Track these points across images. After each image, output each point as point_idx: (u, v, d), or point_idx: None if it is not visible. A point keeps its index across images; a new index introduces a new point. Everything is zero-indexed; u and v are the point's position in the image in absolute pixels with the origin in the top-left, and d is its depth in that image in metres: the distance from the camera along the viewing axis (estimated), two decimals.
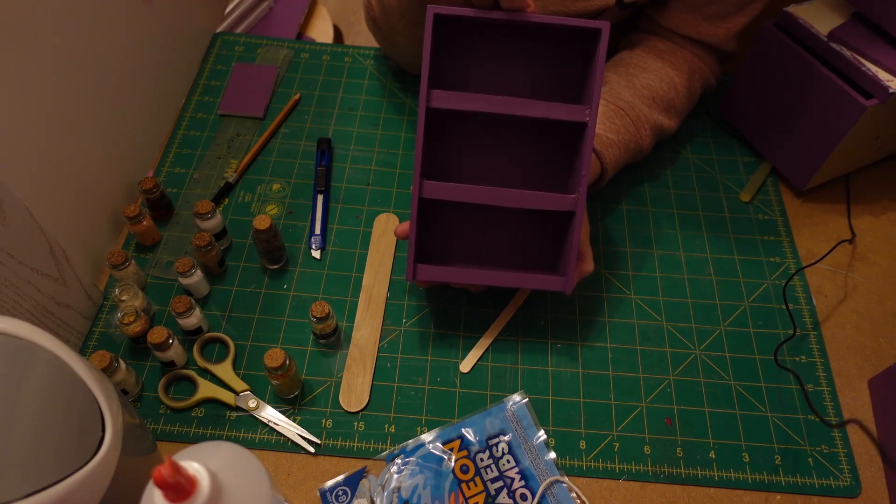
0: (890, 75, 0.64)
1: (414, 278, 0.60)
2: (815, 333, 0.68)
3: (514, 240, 0.65)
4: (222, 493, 0.37)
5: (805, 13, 0.70)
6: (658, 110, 0.71)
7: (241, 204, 0.75)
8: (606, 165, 0.67)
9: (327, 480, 0.57)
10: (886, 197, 0.78)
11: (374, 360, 0.64)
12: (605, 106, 0.69)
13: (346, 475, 0.57)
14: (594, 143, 0.63)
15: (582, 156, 0.57)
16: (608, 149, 0.67)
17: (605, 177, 0.69)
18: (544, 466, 0.58)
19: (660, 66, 0.73)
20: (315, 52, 0.89)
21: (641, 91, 0.71)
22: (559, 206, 0.58)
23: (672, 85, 0.72)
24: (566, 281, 0.58)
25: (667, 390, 0.64)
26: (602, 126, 0.67)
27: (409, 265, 0.59)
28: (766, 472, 0.60)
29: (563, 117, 0.57)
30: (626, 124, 0.68)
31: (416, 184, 0.57)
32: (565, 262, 0.58)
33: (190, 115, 0.81)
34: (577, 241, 0.58)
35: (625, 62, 0.74)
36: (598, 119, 0.67)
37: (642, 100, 0.70)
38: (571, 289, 0.59)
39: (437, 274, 0.60)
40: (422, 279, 0.60)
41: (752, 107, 0.78)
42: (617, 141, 0.68)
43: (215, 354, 0.64)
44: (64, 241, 0.60)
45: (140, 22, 0.72)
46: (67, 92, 0.61)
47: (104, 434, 0.42)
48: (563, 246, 0.61)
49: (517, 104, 0.56)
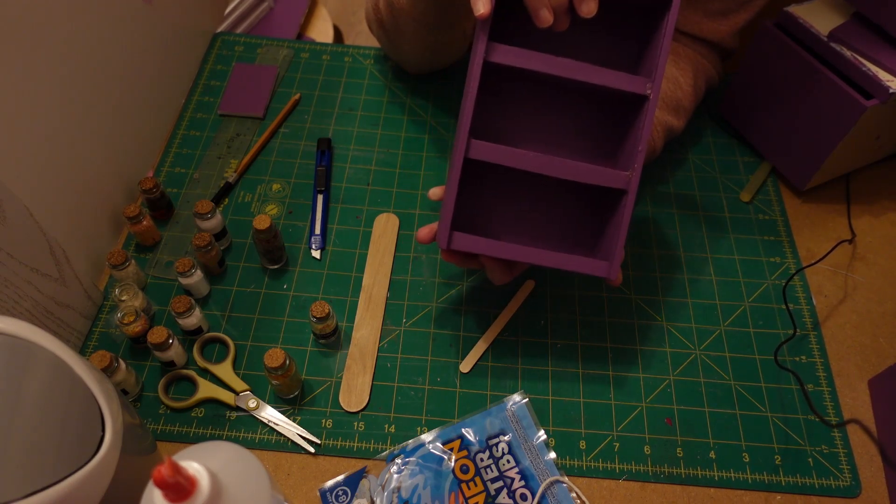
0: (890, 75, 0.64)
1: (448, 246, 0.53)
2: (815, 333, 0.68)
3: (556, 216, 0.60)
4: (222, 493, 0.37)
5: (805, 13, 0.70)
6: (667, 111, 0.71)
7: (241, 204, 0.75)
8: None
9: (327, 480, 0.58)
10: (886, 197, 0.78)
11: (374, 360, 0.64)
12: None
13: (345, 475, 0.57)
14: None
15: (639, 131, 0.54)
16: None
17: None
18: (544, 466, 0.58)
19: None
20: (315, 51, 0.89)
21: None
22: (613, 183, 0.54)
23: (678, 85, 0.72)
24: (611, 267, 0.53)
25: (667, 390, 0.64)
26: None
27: (441, 232, 0.53)
28: (766, 472, 0.60)
29: (624, 87, 0.53)
30: None
31: (461, 142, 0.52)
32: (610, 246, 0.53)
33: (190, 115, 0.81)
34: (627, 223, 0.53)
35: None
36: None
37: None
38: (616, 275, 0.53)
39: (475, 244, 0.53)
40: (458, 247, 0.53)
41: (752, 107, 0.78)
42: None
43: (215, 354, 0.64)
44: (64, 241, 0.60)
45: (140, 22, 0.72)
46: (67, 92, 0.61)
47: (104, 434, 0.42)
48: (606, 227, 0.56)
49: (579, 68, 0.52)
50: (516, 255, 0.54)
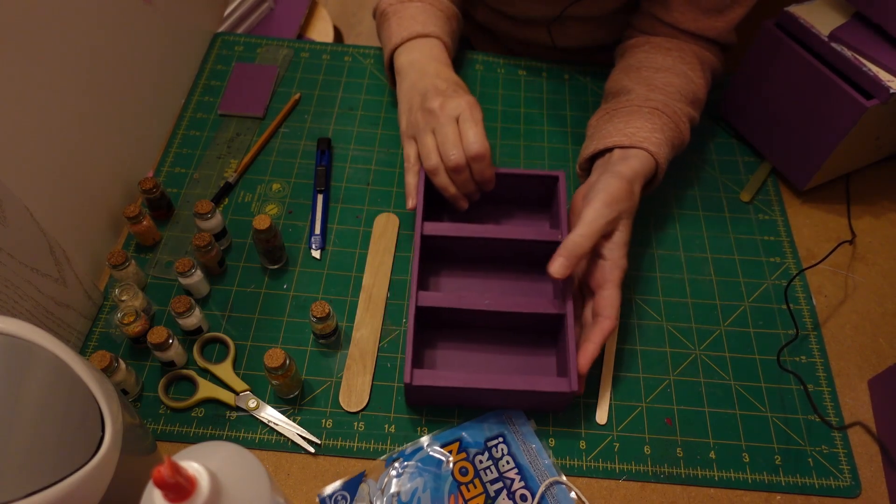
0: (891, 76, 0.64)
1: (412, 383, 0.57)
2: (815, 334, 0.68)
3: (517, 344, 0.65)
4: (222, 494, 0.37)
5: (806, 13, 0.70)
6: (687, 104, 0.71)
7: (241, 204, 0.75)
8: (661, 167, 0.66)
9: (327, 480, 0.58)
10: (886, 197, 0.78)
11: (374, 360, 0.64)
12: (639, 110, 0.68)
13: (344, 480, 0.57)
14: (650, 146, 0.65)
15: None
16: (660, 148, 0.66)
17: (658, 179, 0.68)
18: (543, 467, 0.58)
19: (671, 63, 0.72)
20: (315, 51, 0.89)
21: (665, 89, 0.70)
22: (551, 310, 0.62)
23: (689, 78, 0.72)
24: (570, 381, 0.57)
25: (667, 390, 0.64)
26: (646, 128, 0.66)
27: (406, 370, 0.58)
28: (766, 473, 0.60)
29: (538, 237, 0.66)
30: (665, 122, 0.67)
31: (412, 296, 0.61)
32: (567, 363, 0.58)
33: (190, 115, 0.81)
34: (573, 341, 0.58)
35: (635, 68, 0.73)
36: (641, 123, 0.67)
37: (669, 96, 0.70)
38: (578, 387, 0.57)
39: (435, 378, 0.58)
40: (420, 383, 0.57)
41: (752, 107, 0.78)
42: (665, 140, 0.67)
43: (215, 354, 0.64)
44: (64, 241, 0.60)
45: (140, 22, 0.72)
46: (67, 92, 0.61)
47: (104, 434, 0.42)
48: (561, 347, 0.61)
49: (498, 229, 0.66)
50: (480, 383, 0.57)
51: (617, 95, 0.73)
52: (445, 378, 0.58)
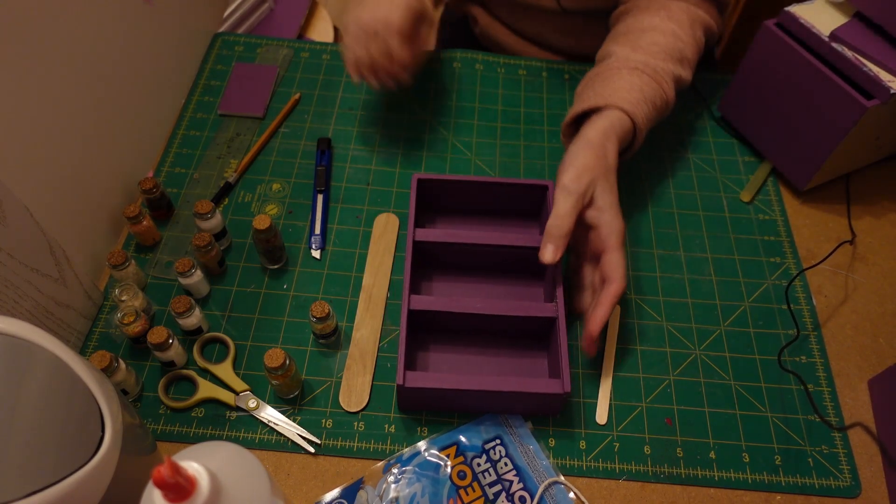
0: (891, 76, 0.64)
1: (405, 384, 0.57)
2: (815, 334, 0.68)
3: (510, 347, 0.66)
4: (222, 494, 0.37)
5: (806, 13, 0.70)
6: (671, 62, 0.70)
7: (241, 204, 0.75)
8: (639, 125, 0.66)
9: (327, 480, 0.57)
10: (886, 197, 0.78)
11: (374, 360, 0.64)
12: (619, 71, 0.68)
13: (342, 488, 0.57)
14: (623, 104, 0.65)
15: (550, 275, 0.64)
16: (637, 107, 0.65)
17: (638, 138, 0.67)
18: (542, 468, 0.58)
19: (658, 22, 0.71)
20: (315, 51, 0.89)
21: (649, 48, 0.69)
22: (543, 313, 0.62)
23: (676, 36, 0.71)
24: (562, 383, 0.57)
25: (667, 390, 0.64)
26: (624, 87, 0.66)
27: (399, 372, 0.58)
28: (767, 473, 0.60)
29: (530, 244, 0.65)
30: (646, 81, 0.67)
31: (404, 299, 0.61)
32: (559, 365, 0.59)
33: (190, 115, 0.81)
34: (565, 344, 0.59)
35: (622, 32, 0.73)
36: (618, 84, 0.66)
37: (653, 56, 0.69)
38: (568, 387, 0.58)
39: (427, 380, 0.58)
40: (413, 385, 0.57)
41: (753, 107, 0.78)
42: (643, 98, 0.66)
43: (215, 354, 0.64)
44: (64, 241, 0.60)
45: (140, 22, 0.72)
46: (67, 92, 0.61)
47: (104, 434, 0.42)
48: (553, 349, 0.61)
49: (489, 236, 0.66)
50: (473, 384, 0.57)
51: (602, 61, 0.72)
52: (438, 380, 0.58)
